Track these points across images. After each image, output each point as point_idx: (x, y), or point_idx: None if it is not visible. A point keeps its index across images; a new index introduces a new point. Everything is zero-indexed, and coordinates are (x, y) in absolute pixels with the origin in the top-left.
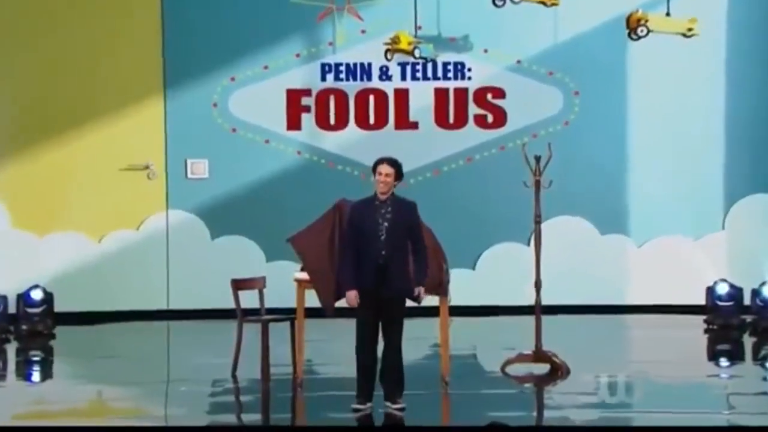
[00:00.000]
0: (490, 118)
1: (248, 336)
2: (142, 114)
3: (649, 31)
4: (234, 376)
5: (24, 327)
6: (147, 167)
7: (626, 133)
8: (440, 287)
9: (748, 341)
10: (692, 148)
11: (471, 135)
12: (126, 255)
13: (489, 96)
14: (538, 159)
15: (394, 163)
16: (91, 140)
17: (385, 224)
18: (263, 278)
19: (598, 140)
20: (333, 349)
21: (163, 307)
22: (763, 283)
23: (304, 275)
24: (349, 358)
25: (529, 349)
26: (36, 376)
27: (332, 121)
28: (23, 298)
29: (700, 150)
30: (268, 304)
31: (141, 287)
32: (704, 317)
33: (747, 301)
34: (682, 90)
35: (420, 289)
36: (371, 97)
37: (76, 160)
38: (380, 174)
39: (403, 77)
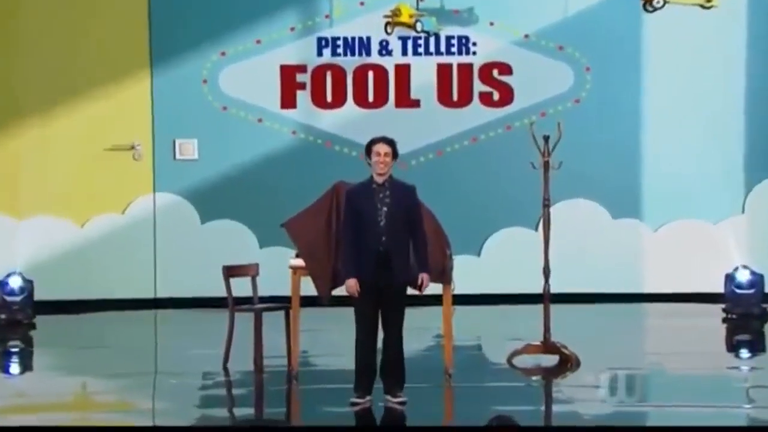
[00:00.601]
0: (496, 96)
1: (240, 326)
2: (128, 91)
3: (665, 2)
4: (225, 369)
5: (2, 316)
6: (133, 147)
7: (640, 111)
8: (443, 275)
9: None
10: (711, 126)
11: (476, 113)
12: (111, 240)
13: (495, 72)
14: (546, 139)
15: (390, 142)
16: (73, 119)
17: (384, 209)
18: (256, 265)
19: (611, 119)
20: (330, 340)
21: (150, 295)
22: None
23: (300, 262)
24: (347, 349)
25: (537, 340)
26: (15, 368)
27: (329, 98)
28: (1, 285)
29: (719, 129)
30: (261, 293)
31: (127, 274)
32: (723, 306)
33: None
34: (701, 66)
35: (423, 277)
36: (370, 74)
37: (58, 140)
38: (378, 154)
39: (404, 52)
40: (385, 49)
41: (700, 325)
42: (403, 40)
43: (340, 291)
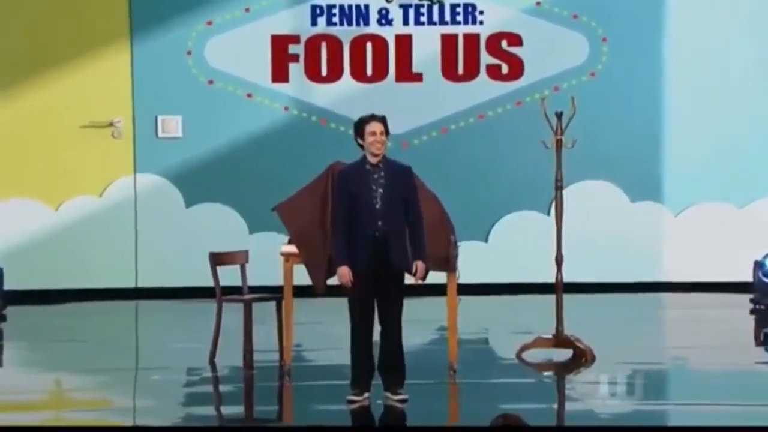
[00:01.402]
0: (504, 69)
1: (228, 318)
2: (106, 63)
3: None
4: (212, 364)
5: None
6: (111, 125)
7: (661, 86)
8: (447, 262)
9: None
10: (737, 103)
11: (483, 88)
12: (87, 225)
13: (504, 43)
14: (559, 115)
15: (383, 120)
16: (46, 94)
17: (380, 191)
18: (246, 252)
19: (629, 94)
20: (325, 333)
21: (131, 284)
22: None
23: (292, 248)
24: (343, 342)
25: (548, 333)
26: None
27: (324, 72)
28: None
29: (746, 105)
30: (251, 282)
31: (105, 262)
32: (751, 296)
33: None
34: (727, 38)
35: (418, 265)
36: (369, 45)
37: (30, 117)
38: (373, 133)
39: (406, 22)
40: (384, 18)
41: (725, 316)
42: (405, 8)
43: (336, 280)
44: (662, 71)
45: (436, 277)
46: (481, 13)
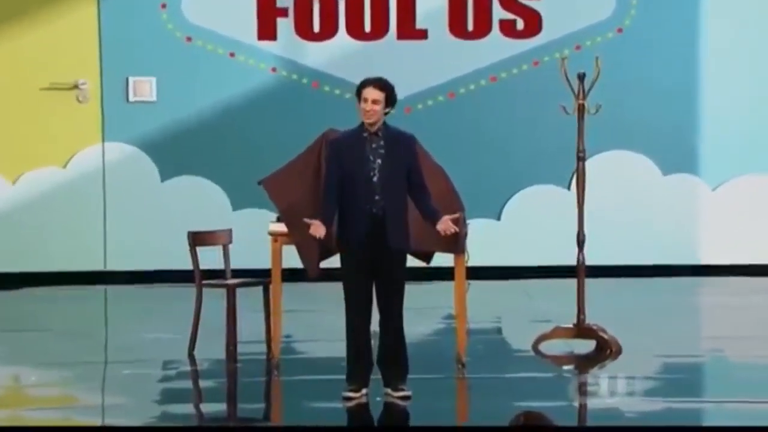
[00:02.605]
0: (520, 25)
1: (210, 305)
2: (70, 17)
3: None
4: (191, 356)
5: None
6: (76, 87)
7: (698, 43)
8: (455, 243)
9: None
10: None
11: (495, 47)
12: (50, 200)
13: None
14: (582, 77)
15: (384, 86)
16: (1, 52)
17: (378, 161)
18: (229, 231)
19: (661, 53)
20: (318, 322)
21: (100, 267)
22: None
23: (282, 227)
24: (338, 333)
25: (569, 322)
26: None
27: (316, 28)
28: None
29: None
30: (235, 264)
31: (69, 242)
32: None
33: None
34: None
35: (445, 222)
36: None
37: None
38: (365, 101)
39: None
40: None
41: None
42: None
43: (331, 263)
44: (698, 27)
45: (443, 259)
46: None
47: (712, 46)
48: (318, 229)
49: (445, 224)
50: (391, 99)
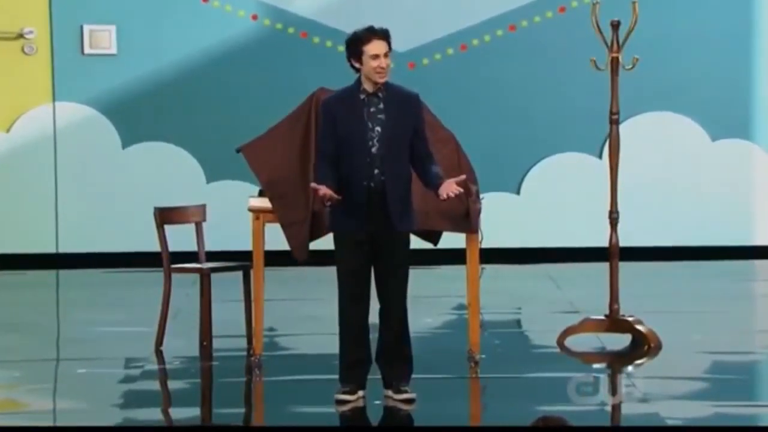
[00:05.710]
0: None
1: (180, 293)
2: None
3: None
4: (158, 353)
5: None
6: (21, 36)
7: None
8: (467, 221)
9: None
10: None
11: None
12: None
13: None
14: (616, 26)
15: (389, 36)
16: None
17: (378, 129)
18: (202, 207)
19: None
20: (307, 313)
21: (51, 249)
22: None
23: (264, 202)
24: (330, 325)
25: (600, 313)
26: None
27: None
28: None
29: None
30: (209, 246)
31: (15, 221)
32: None
33: None
34: None
35: (447, 185)
36: None
37: None
38: (376, 57)
39: None
40: None
41: None
42: None
43: (321, 244)
44: None
45: (454, 240)
46: None
47: None
48: (327, 193)
49: (448, 186)
50: (390, 47)
